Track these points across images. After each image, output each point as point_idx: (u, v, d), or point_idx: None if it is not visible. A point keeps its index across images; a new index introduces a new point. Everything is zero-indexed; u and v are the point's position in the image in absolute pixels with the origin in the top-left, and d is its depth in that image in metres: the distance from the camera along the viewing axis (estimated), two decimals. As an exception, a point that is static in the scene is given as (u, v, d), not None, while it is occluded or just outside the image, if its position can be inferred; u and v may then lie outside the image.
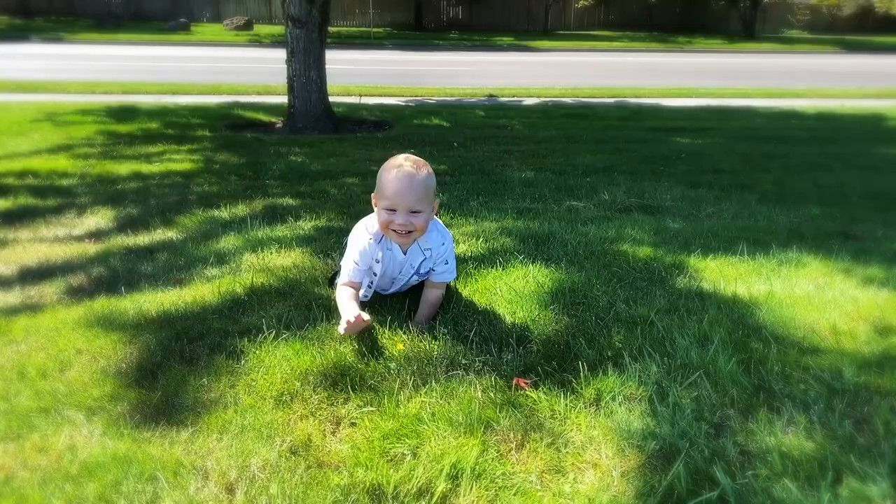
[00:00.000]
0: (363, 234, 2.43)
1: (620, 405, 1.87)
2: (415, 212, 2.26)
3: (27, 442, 1.73)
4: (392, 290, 2.63)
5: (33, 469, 1.62)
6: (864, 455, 1.64)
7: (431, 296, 2.51)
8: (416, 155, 2.36)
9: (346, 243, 2.62)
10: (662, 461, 1.63)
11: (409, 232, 2.30)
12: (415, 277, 2.53)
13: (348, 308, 2.26)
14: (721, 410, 1.84)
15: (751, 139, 7.41)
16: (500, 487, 1.57)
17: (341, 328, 2.20)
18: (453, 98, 11.41)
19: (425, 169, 2.28)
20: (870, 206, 4.52)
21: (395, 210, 2.26)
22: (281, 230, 3.67)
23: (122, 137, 6.77)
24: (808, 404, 1.86)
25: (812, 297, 2.63)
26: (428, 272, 2.49)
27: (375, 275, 2.46)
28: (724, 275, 2.87)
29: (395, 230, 2.30)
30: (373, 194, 2.35)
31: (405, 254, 2.43)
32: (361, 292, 2.49)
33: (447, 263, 2.48)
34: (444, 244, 2.44)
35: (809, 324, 2.37)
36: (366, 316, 2.21)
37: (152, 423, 1.81)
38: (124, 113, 8.44)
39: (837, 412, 1.82)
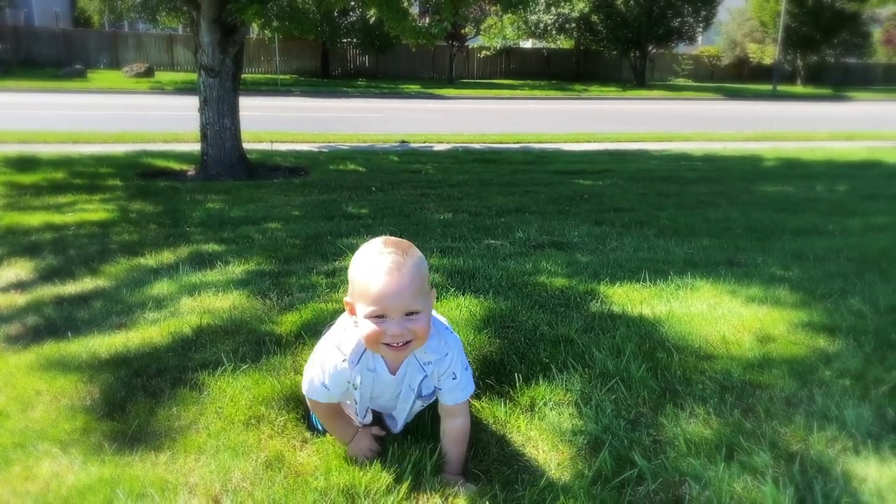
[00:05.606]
0: (333, 353, 1.81)
1: (552, 409, 2.16)
2: (411, 313, 1.64)
3: (10, 474, 1.82)
4: (399, 422, 2.01)
5: (23, 495, 1.72)
6: (750, 436, 2.00)
7: (451, 429, 1.89)
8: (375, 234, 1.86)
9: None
10: (590, 451, 1.93)
11: (407, 342, 1.69)
12: (418, 403, 1.93)
13: (340, 427, 1.94)
14: (635, 409, 2.17)
15: (646, 180, 8.04)
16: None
17: (350, 452, 1.91)
18: (366, 144, 11.62)
19: (413, 252, 1.67)
20: (751, 237, 5.07)
21: (383, 316, 1.63)
22: (212, 275, 3.74)
23: (27, 188, 6.57)
24: (706, 399, 2.22)
25: (705, 314, 3.03)
26: (433, 393, 1.89)
27: (356, 402, 1.90)
28: (630, 299, 3.24)
29: (387, 343, 1.67)
30: (346, 298, 1.73)
31: (395, 374, 1.83)
32: (357, 419, 1.99)
33: (455, 378, 1.84)
34: (447, 354, 1.82)
35: (704, 336, 2.76)
36: (372, 440, 1.93)
37: (130, 450, 1.93)
38: (24, 163, 8.11)
39: (728, 404, 2.18)
